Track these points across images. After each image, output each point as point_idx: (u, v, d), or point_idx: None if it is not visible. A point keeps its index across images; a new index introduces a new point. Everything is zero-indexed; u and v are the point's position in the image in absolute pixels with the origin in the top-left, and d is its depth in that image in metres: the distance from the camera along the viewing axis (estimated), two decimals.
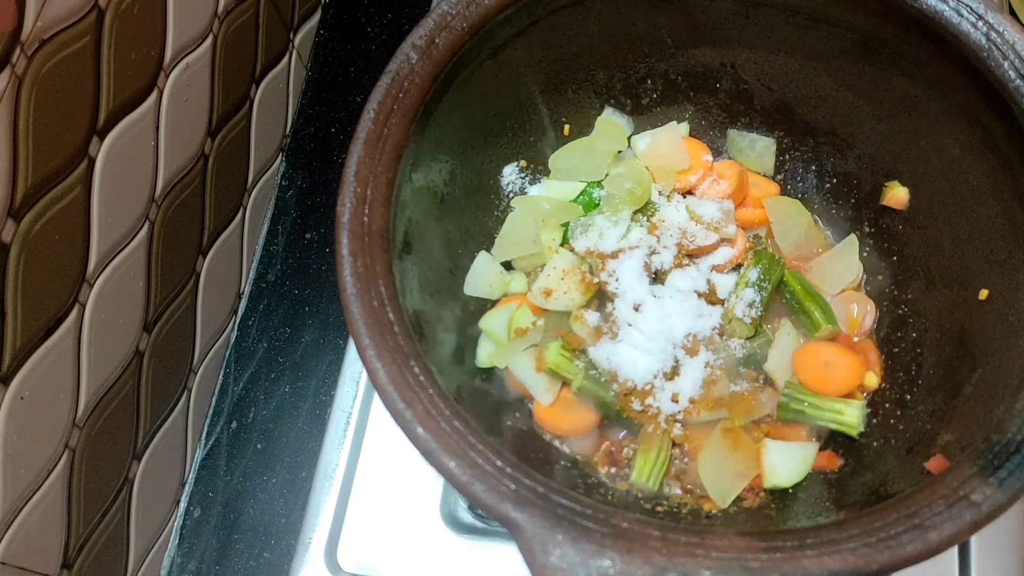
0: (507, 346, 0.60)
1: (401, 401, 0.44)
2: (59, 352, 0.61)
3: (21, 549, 0.59)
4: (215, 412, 0.83)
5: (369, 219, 0.49)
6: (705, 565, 0.40)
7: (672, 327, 0.60)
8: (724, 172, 0.66)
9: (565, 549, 0.40)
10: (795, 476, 0.57)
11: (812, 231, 0.66)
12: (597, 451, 0.60)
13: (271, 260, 0.88)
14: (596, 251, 0.63)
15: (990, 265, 0.54)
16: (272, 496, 0.78)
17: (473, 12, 0.54)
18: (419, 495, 0.67)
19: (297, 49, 0.95)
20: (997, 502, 0.41)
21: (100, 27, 0.60)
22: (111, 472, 0.71)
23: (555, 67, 0.63)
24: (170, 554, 0.78)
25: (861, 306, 0.63)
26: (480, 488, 0.42)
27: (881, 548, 0.40)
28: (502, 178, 0.66)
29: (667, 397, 0.59)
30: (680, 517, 0.56)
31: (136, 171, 0.68)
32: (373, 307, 0.46)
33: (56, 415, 0.62)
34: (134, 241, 0.69)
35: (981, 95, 0.52)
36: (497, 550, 0.65)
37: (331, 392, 0.73)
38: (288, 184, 0.91)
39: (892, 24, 0.55)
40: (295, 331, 0.84)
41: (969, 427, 0.49)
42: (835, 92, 0.62)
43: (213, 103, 0.78)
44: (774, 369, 0.61)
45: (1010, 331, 0.51)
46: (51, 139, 0.57)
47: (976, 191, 0.55)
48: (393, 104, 0.51)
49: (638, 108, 0.68)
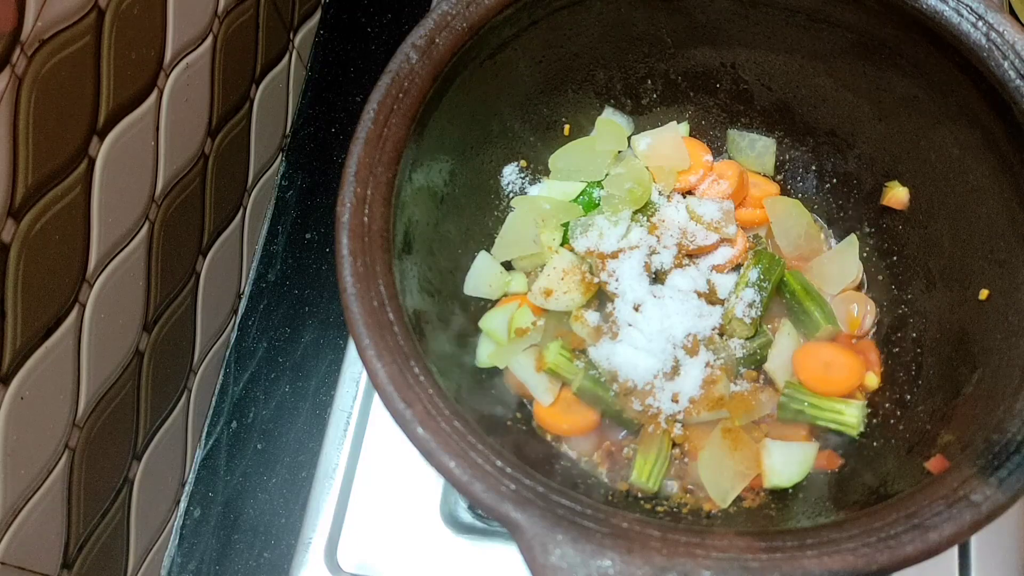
0: (507, 346, 0.60)
1: (401, 401, 0.44)
2: (59, 352, 0.61)
3: (21, 549, 0.59)
4: (215, 412, 0.83)
5: (369, 219, 0.49)
6: (705, 565, 0.40)
7: (672, 327, 0.60)
8: (724, 172, 0.66)
9: (565, 549, 0.40)
10: (795, 476, 0.57)
11: (812, 231, 0.66)
12: (597, 451, 0.60)
13: (271, 260, 0.88)
14: (596, 251, 0.63)
15: (990, 265, 0.54)
16: (272, 496, 0.78)
17: (473, 12, 0.54)
18: (419, 495, 0.67)
19: (297, 49, 0.95)
20: (997, 502, 0.41)
21: (100, 27, 0.60)
22: (111, 472, 0.71)
23: (555, 67, 0.63)
24: (170, 554, 0.78)
25: (861, 306, 0.63)
26: (480, 488, 0.42)
27: (881, 548, 0.40)
28: (502, 178, 0.66)
29: (667, 397, 0.59)
30: (680, 517, 0.56)
31: (136, 171, 0.68)
32: (373, 307, 0.46)
33: (56, 415, 0.62)
34: (134, 241, 0.69)
35: (981, 95, 0.52)
36: (497, 550, 0.65)
37: (331, 392, 0.73)
38: (288, 184, 0.91)
39: (892, 24, 0.55)
40: (295, 331, 0.84)
41: (969, 427, 0.49)
42: (835, 92, 0.62)
43: (213, 103, 0.78)
44: (774, 369, 0.61)
45: (1010, 331, 0.51)
46: (51, 139, 0.57)
47: (976, 191, 0.55)
48: (393, 104, 0.51)
49: (638, 108, 0.68)
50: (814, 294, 0.63)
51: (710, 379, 0.59)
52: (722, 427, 0.58)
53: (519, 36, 0.59)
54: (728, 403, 0.59)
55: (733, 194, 0.66)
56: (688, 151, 0.66)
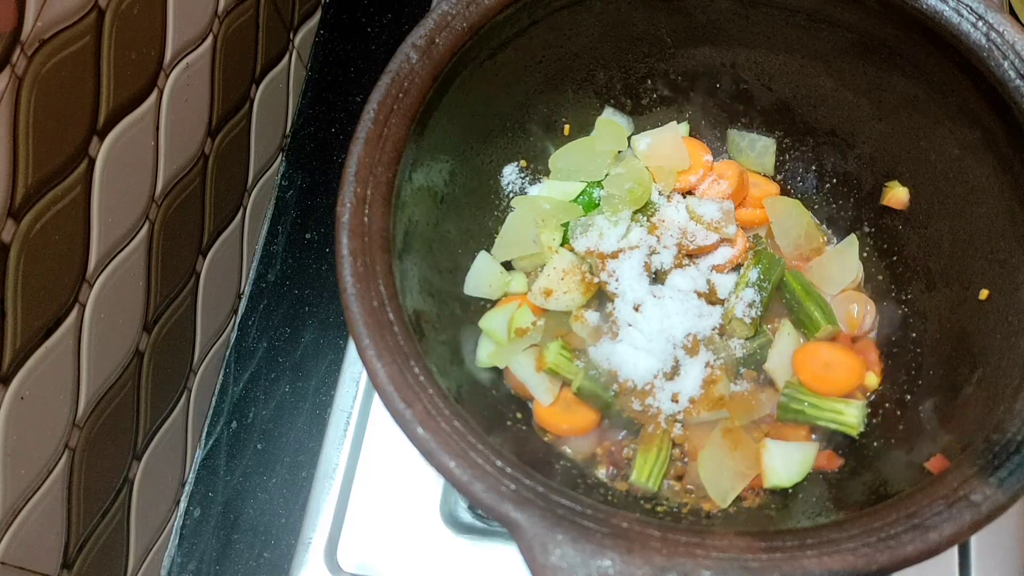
0: (507, 346, 0.60)
1: (401, 401, 0.44)
2: (59, 352, 0.61)
3: (21, 549, 0.59)
4: (215, 412, 0.83)
5: (369, 219, 0.49)
6: (705, 565, 0.40)
7: (672, 327, 0.60)
8: (724, 172, 0.66)
9: (565, 549, 0.40)
10: (795, 476, 0.57)
11: (812, 231, 0.66)
12: (597, 451, 0.60)
13: (271, 260, 0.88)
14: (596, 251, 0.63)
15: (990, 265, 0.54)
16: (272, 496, 0.78)
17: (473, 12, 0.54)
18: (419, 495, 0.67)
19: (297, 49, 0.95)
20: (997, 502, 0.41)
21: (100, 27, 0.60)
22: (111, 472, 0.71)
23: (555, 67, 0.63)
24: (170, 554, 0.78)
25: (861, 306, 0.63)
26: (480, 488, 0.42)
27: (881, 548, 0.40)
28: (502, 178, 0.66)
29: (667, 397, 0.59)
30: (680, 517, 0.56)
31: (136, 171, 0.68)
32: (373, 307, 0.46)
33: (56, 415, 0.62)
34: (134, 241, 0.69)
35: (981, 95, 0.52)
36: (497, 550, 0.65)
37: (331, 392, 0.73)
38: (288, 184, 0.91)
39: (892, 24, 0.55)
40: (295, 331, 0.84)
41: (969, 427, 0.49)
42: (835, 92, 0.62)
43: (213, 103, 0.78)
44: (774, 369, 0.61)
45: (1010, 331, 0.51)
46: (51, 139, 0.57)
47: (976, 191, 0.55)
48: (393, 104, 0.51)
49: (638, 108, 0.68)
50: (814, 294, 0.63)
51: (710, 379, 0.59)
52: (722, 427, 0.58)
53: (519, 36, 0.59)
54: (728, 403, 0.59)
55: (733, 194, 0.66)
56: (688, 151, 0.66)
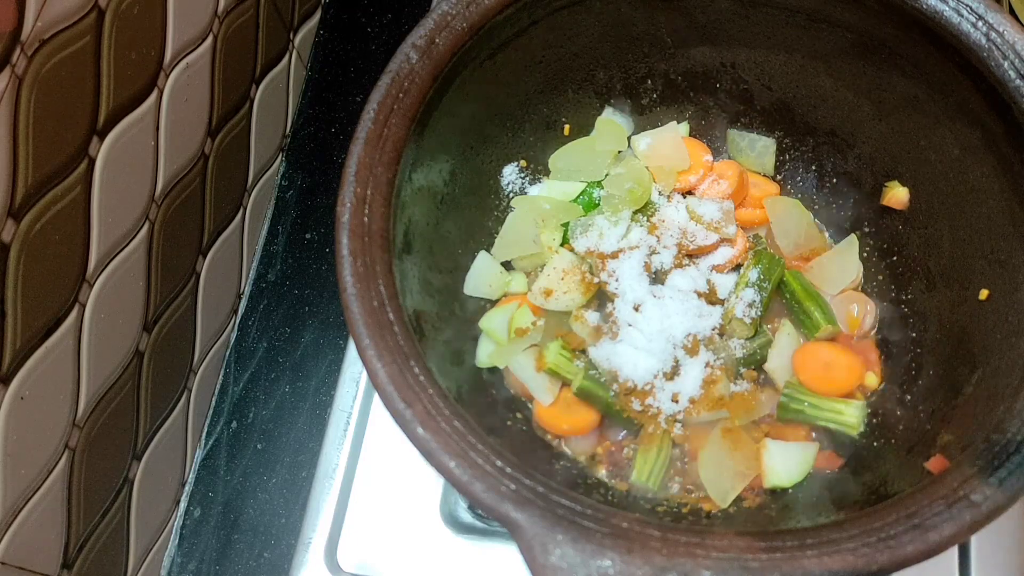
0: (507, 346, 0.60)
1: (401, 401, 0.44)
2: (59, 352, 0.61)
3: (21, 549, 0.59)
4: (215, 412, 0.83)
5: (369, 219, 0.49)
6: (705, 565, 0.40)
7: (672, 327, 0.60)
8: (724, 172, 0.66)
9: (565, 549, 0.40)
10: (795, 476, 0.57)
11: (812, 231, 0.66)
12: (597, 451, 0.60)
13: (271, 260, 0.88)
14: (596, 251, 0.63)
15: (990, 265, 0.54)
16: (272, 496, 0.78)
17: (473, 12, 0.54)
18: (419, 495, 0.67)
19: (297, 49, 0.95)
20: (997, 502, 0.41)
21: (100, 27, 0.60)
22: (111, 472, 0.71)
23: (555, 67, 0.63)
24: (170, 554, 0.78)
25: (861, 306, 0.63)
26: (480, 488, 0.42)
27: (881, 548, 0.40)
28: (502, 178, 0.66)
29: (667, 397, 0.59)
30: (680, 517, 0.56)
31: (136, 171, 0.68)
32: (373, 307, 0.46)
33: (56, 415, 0.62)
34: (134, 241, 0.69)
35: (981, 95, 0.52)
36: (497, 550, 0.65)
37: (331, 392, 0.73)
38: (288, 184, 0.91)
39: (892, 24, 0.55)
40: (295, 331, 0.84)
41: (969, 427, 0.49)
42: (835, 92, 0.62)
43: (213, 103, 0.78)
44: (774, 369, 0.61)
45: (1010, 331, 0.51)
46: (51, 139, 0.57)
47: (976, 191, 0.55)
48: (393, 104, 0.51)
49: (638, 108, 0.68)
50: (814, 294, 0.63)
51: (710, 379, 0.59)
52: (722, 427, 0.58)
53: (519, 36, 0.59)
54: (728, 403, 0.59)
55: (733, 194, 0.66)
56: (688, 151, 0.66)
